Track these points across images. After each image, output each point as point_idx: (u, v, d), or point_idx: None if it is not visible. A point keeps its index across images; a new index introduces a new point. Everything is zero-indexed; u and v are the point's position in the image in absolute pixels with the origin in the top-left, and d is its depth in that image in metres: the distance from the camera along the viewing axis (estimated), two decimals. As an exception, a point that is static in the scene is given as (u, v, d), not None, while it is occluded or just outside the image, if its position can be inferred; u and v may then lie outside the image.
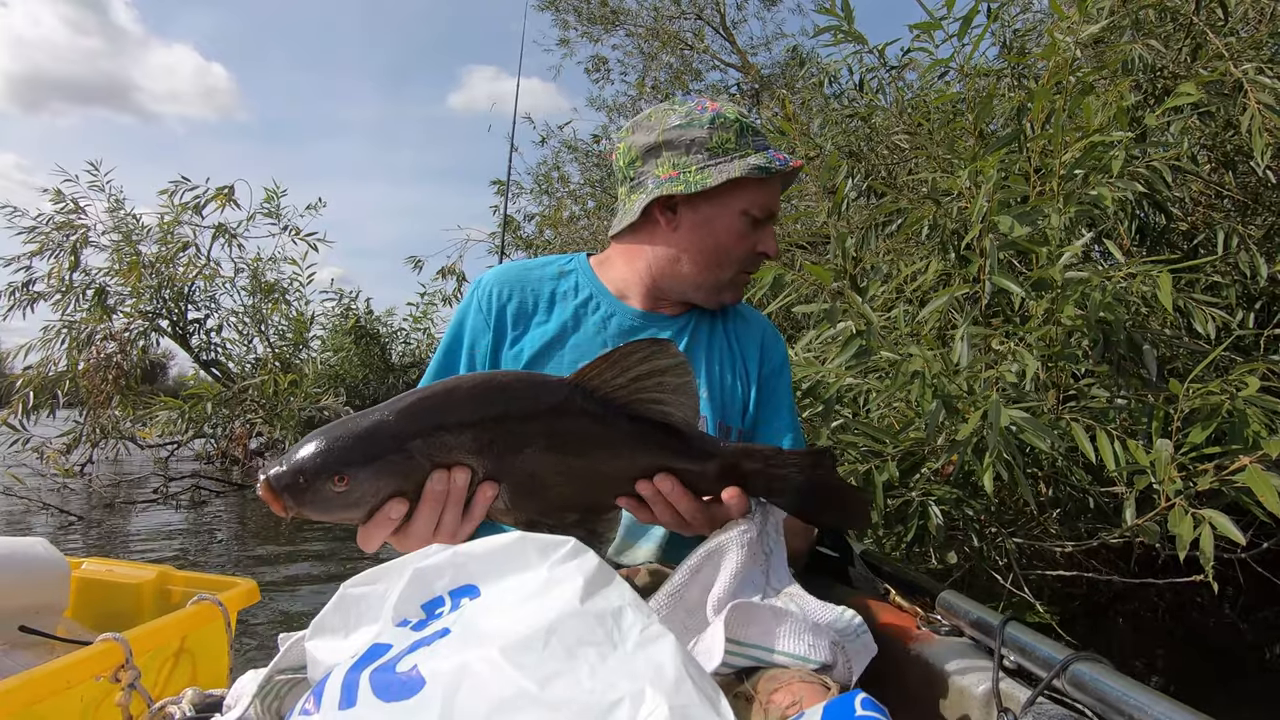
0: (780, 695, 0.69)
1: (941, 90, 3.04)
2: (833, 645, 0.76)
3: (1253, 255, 2.34)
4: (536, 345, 1.05)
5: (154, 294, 6.43)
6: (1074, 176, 1.88)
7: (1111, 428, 1.68)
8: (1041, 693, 0.76)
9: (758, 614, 0.76)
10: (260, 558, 4.43)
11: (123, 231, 6.60)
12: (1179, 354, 2.22)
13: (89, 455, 6.27)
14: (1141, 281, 1.88)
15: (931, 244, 2.58)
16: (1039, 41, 3.16)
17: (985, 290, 1.97)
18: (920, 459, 1.93)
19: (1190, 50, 2.65)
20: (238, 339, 7.19)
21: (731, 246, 1.08)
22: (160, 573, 1.53)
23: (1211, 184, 2.86)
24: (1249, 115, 2.05)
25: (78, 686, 1.07)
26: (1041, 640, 0.83)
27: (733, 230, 1.07)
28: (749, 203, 1.06)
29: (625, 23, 9.79)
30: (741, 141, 1.06)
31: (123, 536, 4.96)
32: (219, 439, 6.90)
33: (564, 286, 1.11)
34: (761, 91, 8.70)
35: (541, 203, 9.74)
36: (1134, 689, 0.70)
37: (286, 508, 0.71)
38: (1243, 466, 1.25)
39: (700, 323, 1.13)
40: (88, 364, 5.97)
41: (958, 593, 0.99)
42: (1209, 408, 1.43)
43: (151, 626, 1.22)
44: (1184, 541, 1.27)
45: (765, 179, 1.06)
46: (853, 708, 0.59)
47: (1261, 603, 2.31)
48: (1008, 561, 1.77)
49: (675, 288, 1.10)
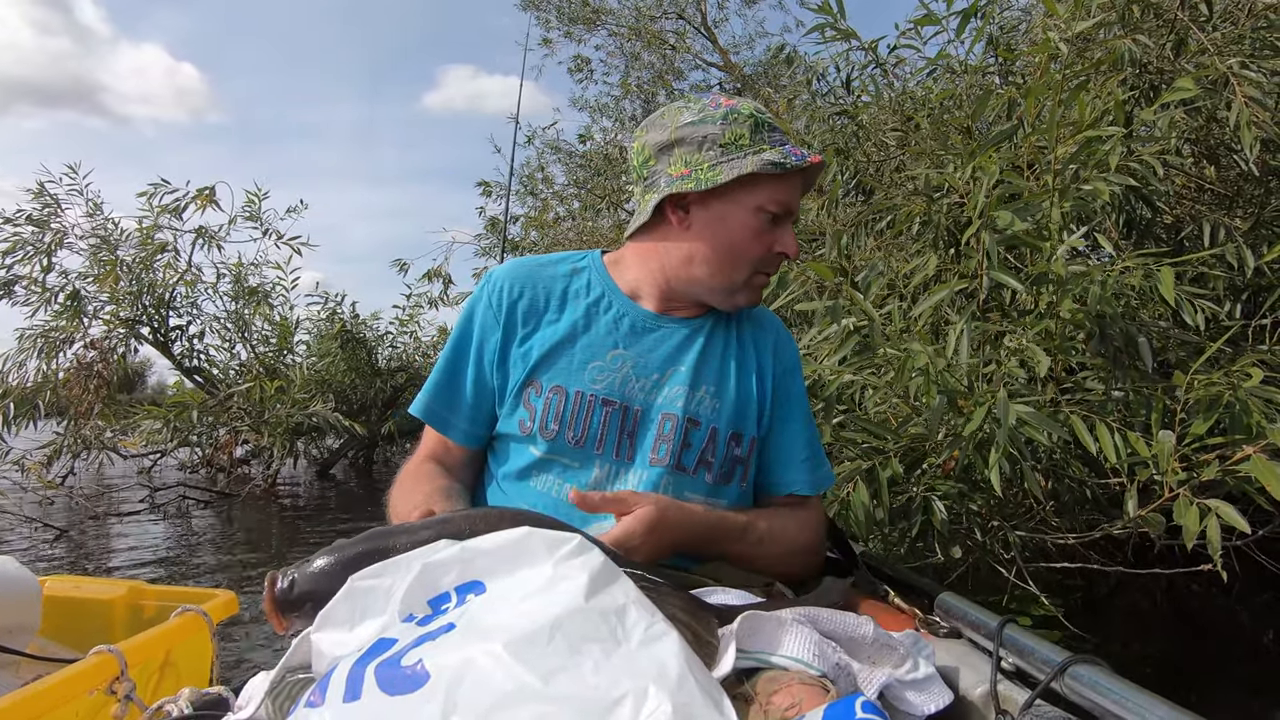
0: (780, 697, 0.68)
1: (930, 86, 3.07)
2: (839, 665, 0.75)
3: (1239, 247, 2.37)
4: (547, 344, 1.03)
5: (134, 300, 6.31)
6: (1068, 171, 1.89)
7: (1111, 420, 1.70)
8: (1039, 695, 0.76)
9: (765, 624, 0.75)
10: (248, 565, 4.37)
11: (100, 235, 6.49)
12: (1170, 345, 2.25)
13: (70, 467, 6.16)
14: (1133, 274, 1.90)
15: (924, 240, 2.59)
16: (1025, 38, 3.18)
17: (983, 285, 1.99)
18: (922, 455, 1.94)
19: (1174, 45, 2.69)
20: (220, 345, 7.10)
21: (746, 246, 1.04)
22: (131, 588, 1.49)
23: (1193, 177, 2.90)
24: (1236, 109, 2.08)
25: (74, 701, 1.05)
26: (1040, 642, 0.83)
27: (747, 228, 1.03)
28: (765, 199, 1.02)
29: (607, 22, 9.77)
30: (756, 137, 1.03)
31: (108, 549, 4.88)
32: (204, 447, 6.80)
33: (576, 285, 1.09)
34: (744, 90, 8.71)
35: (526, 204, 9.72)
36: (1132, 691, 0.70)
37: (284, 622, 0.72)
38: (1247, 456, 1.26)
39: (716, 325, 1.10)
40: (68, 373, 5.86)
41: (956, 594, 0.99)
42: (1208, 399, 1.45)
43: (143, 639, 1.20)
44: (1191, 531, 1.28)
45: (782, 175, 1.02)
46: (853, 711, 0.59)
47: (1257, 588, 2.35)
48: (1011, 555, 1.78)
49: (688, 289, 1.07)
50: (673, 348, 1.05)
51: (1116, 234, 2.60)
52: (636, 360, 1.04)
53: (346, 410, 6.56)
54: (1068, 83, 1.69)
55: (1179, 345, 2.20)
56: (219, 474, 7.14)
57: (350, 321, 7.74)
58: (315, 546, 0.80)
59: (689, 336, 1.07)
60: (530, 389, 1.02)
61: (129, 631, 1.41)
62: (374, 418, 8.11)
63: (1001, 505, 1.97)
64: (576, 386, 1.01)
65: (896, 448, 1.88)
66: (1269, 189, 2.76)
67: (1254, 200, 2.79)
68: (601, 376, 1.02)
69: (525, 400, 1.02)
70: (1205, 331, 2.10)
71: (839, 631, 0.79)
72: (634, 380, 1.03)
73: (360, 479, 8.73)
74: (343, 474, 8.89)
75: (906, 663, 0.77)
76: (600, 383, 1.01)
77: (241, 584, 3.93)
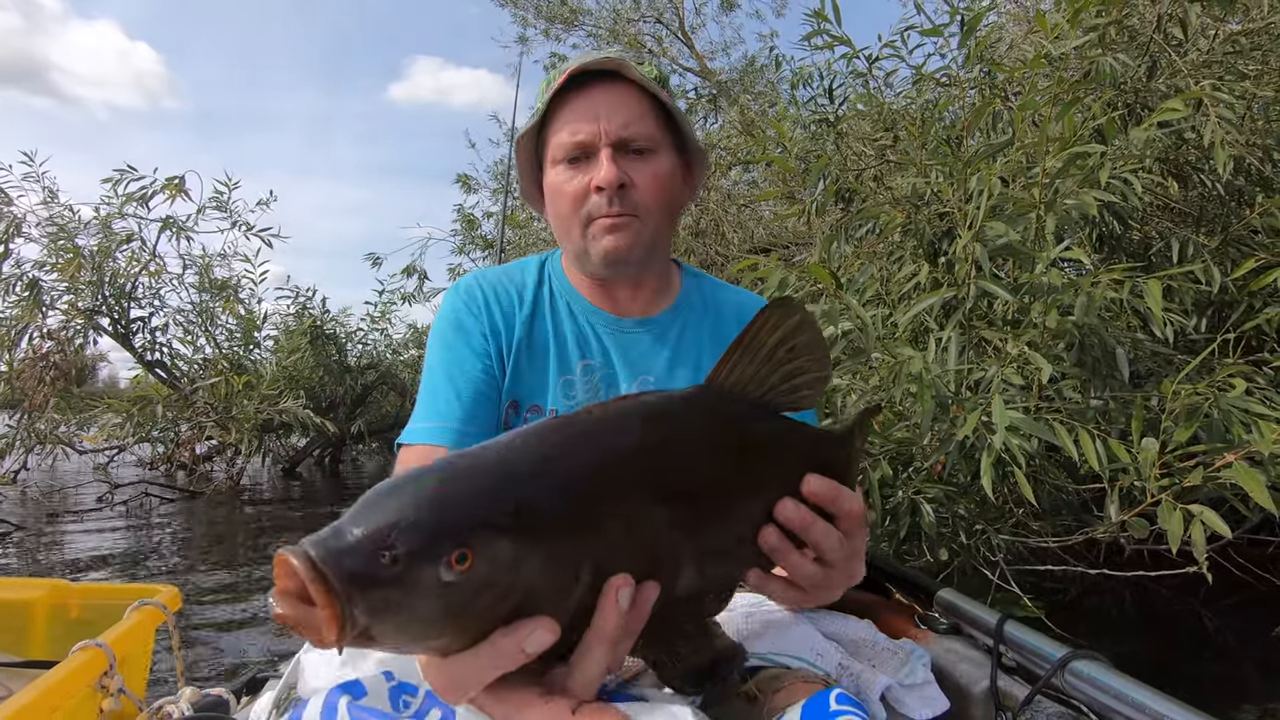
0: (782, 695, 0.69)
1: (914, 96, 3.13)
2: (841, 665, 0.76)
3: (1207, 265, 2.47)
4: (522, 360, 0.97)
5: (94, 290, 6.10)
6: (1054, 185, 1.95)
7: (1091, 427, 1.76)
8: (1040, 691, 0.77)
9: (770, 625, 0.76)
10: (214, 563, 4.26)
11: (58, 224, 6.26)
12: (1140, 357, 2.33)
13: (23, 462, 5.92)
14: (1109, 287, 1.96)
15: (906, 247, 2.65)
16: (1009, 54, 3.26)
17: (970, 294, 2.03)
18: (909, 458, 1.98)
19: (1148, 67, 2.79)
20: (184, 338, 6.89)
21: (563, 203, 0.94)
22: (53, 587, 1.43)
23: (1160, 196, 3.02)
24: (1210, 129, 2.16)
25: (73, 699, 1.02)
26: (1040, 638, 0.83)
27: (555, 186, 0.94)
28: (555, 150, 0.94)
29: (585, 23, 9.76)
30: (543, 98, 0.95)
31: (64, 547, 4.71)
32: (166, 444, 6.59)
33: (542, 294, 1.03)
34: (720, 96, 8.76)
35: (499, 200, 9.63)
36: (1132, 686, 0.71)
37: (345, 618, 0.39)
38: (1229, 463, 1.31)
39: (686, 324, 1.03)
40: (22, 364, 5.63)
41: (956, 591, 0.99)
42: (1189, 408, 1.50)
43: (123, 630, 1.16)
44: (1175, 536, 1.33)
45: (559, 114, 0.93)
46: (827, 704, 0.59)
47: (1226, 591, 2.44)
48: (997, 559, 1.83)
49: (580, 270, 1.00)
50: (639, 355, 1.00)
51: (1090, 248, 2.69)
52: (604, 371, 0.99)
53: (315, 407, 6.43)
54: (1059, 99, 1.74)
55: (1150, 357, 2.28)
56: (180, 471, 6.93)
57: (320, 317, 7.58)
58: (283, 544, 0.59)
59: (656, 340, 1.01)
60: (510, 410, 0.97)
61: (51, 632, 1.37)
62: (342, 416, 7.97)
63: (984, 509, 2.02)
64: (552, 404, 0.97)
65: (883, 451, 1.92)
66: (1230, 209, 2.88)
67: (1218, 219, 2.91)
68: (573, 391, 0.97)
69: (505, 423, 0.97)
70: (1175, 344, 2.18)
71: (841, 634, 0.80)
72: (603, 392, 0.98)
73: (327, 478, 8.57)
74: (308, 473, 8.72)
75: (905, 668, 0.78)
76: (573, 399, 0.97)
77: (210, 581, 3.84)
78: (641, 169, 0.93)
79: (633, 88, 0.93)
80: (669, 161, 0.96)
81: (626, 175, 0.91)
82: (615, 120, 0.91)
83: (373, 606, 0.39)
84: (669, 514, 0.53)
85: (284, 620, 0.39)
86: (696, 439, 0.58)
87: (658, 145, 0.94)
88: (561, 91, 0.93)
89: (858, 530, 0.67)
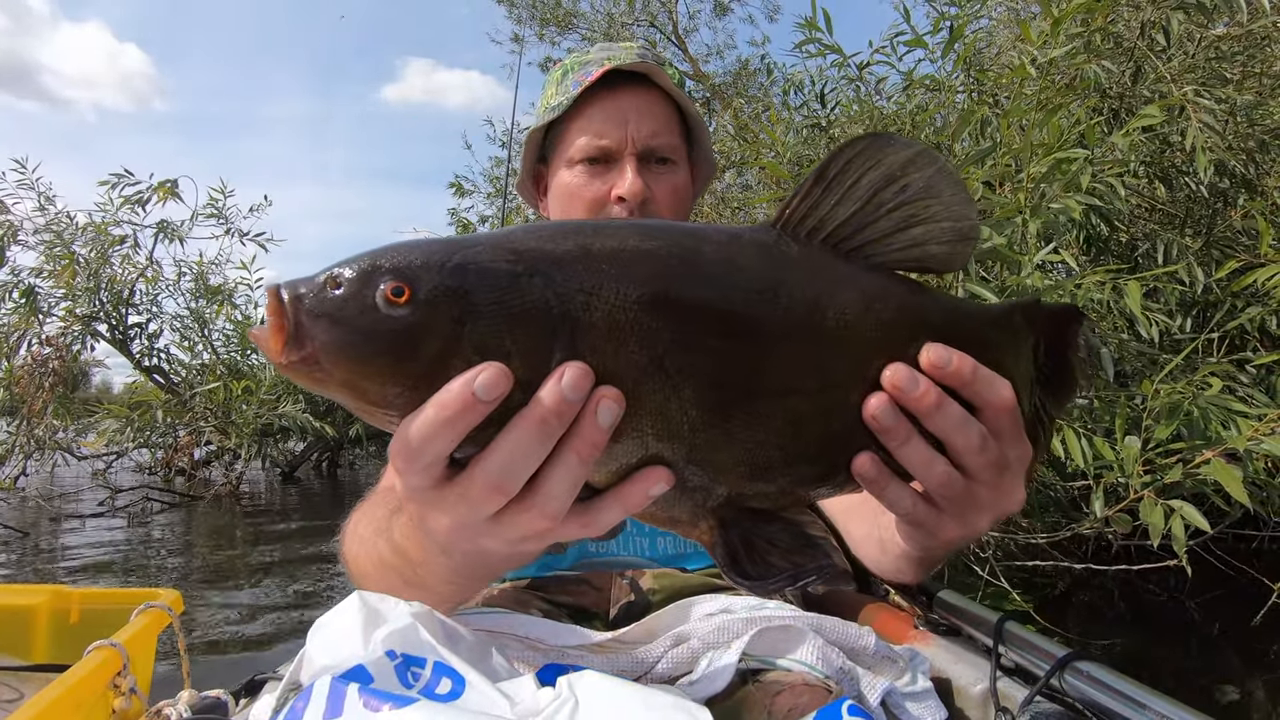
0: (783, 698, 0.69)
1: (903, 102, 3.18)
2: (842, 669, 0.77)
3: (1190, 265, 2.52)
4: None
5: (91, 296, 6.10)
6: (1039, 189, 1.99)
7: (1078, 426, 1.80)
8: (1039, 691, 0.77)
9: (772, 629, 0.76)
10: (214, 567, 4.28)
11: (54, 230, 6.26)
12: (1125, 356, 2.38)
13: (23, 468, 5.91)
14: (1094, 289, 2.01)
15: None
16: (994, 61, 3.31)
17: (958, 295, 2.08)
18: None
19: (1132, 73, 2.84)
20: (181, 343, 6.89)
21: (578, 208, 0.91)
22: (54, 593, 1.43)
23: (1146, 198, 3.07)
24: (1191, 134, 2.21)
25: (91, 699, 1.04)
26: (1039, 639, 0.84)
27: (567, 189, 0.91)
28: (573, 150, 0.90)
29: (580, 26, 9.80)
30: (560, 86, 0.93)
31: (68, 552, 4.72)
32: (165, 449, 6.58)
33: None
34: (713, 100, 8.80)
35: (495, 204, 9.66)
36: (1131, 687, 0.72)
37: (290, 334, 0.41)
38: (1207, 460, 1.36)
39: None
40: (21, 370, 5.63)
41: (955, 592, 1.00)
42: (1170, 406, 1.55)
43: (133, 631, 1.18)
44: (1157, 530, 1.37)
45: (590, 111, 0.90)
46: (839, 715, 0.60)
47: (1208, 584, 2.49)
48: (986, 555, 1.87)
49: None
50: None
51: (1077, 249, 2.74)
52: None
53: (313, 411, 6.43)
54: (1043, 105, 1.78)
55: (1135, 356, 2.32)
56: (178, 476, 6.93)
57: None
58: (282, 549, 0.51)
59: None
60: None
61: (53, 638, 1.38)
62: (340, 419, 7.97)
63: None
64: None
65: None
66: (1215, 211, 2.94)
67: (1202, 221, 2.96)
68: None
69: None
70: (1159, 344, 2.23)
71: (842, 640, 0.82)
72: None
73: (325, 482, 8.57)
74: (307, 477, 8.72)
75: (905, 674, 0.79)
76: None
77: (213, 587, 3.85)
78: (663, 182, 0.92)
79: (659, 93, 0.92)
80: (685, 173, 0.96)
81: (649, 189, 0.90)
82: (644, 129, 0.89)
83: (315, 327, 0.41)
84: (688, 333, 0.43)
85: (253, 338, 0.44)
86: (738, 263, 0.45)
87: (679, 156, 0.95)
88: (588, 88, 0.91)
89: (1011, 431, 0.47)
